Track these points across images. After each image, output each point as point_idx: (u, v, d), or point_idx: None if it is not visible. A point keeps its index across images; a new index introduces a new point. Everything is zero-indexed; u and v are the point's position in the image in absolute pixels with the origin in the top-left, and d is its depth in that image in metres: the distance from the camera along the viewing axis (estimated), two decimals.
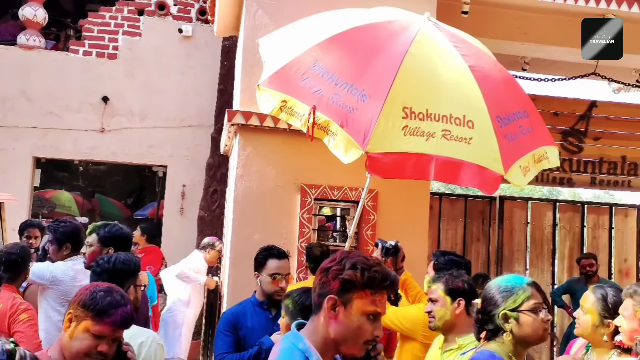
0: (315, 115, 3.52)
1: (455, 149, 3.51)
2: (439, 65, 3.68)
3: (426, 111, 3.50)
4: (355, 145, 3.40)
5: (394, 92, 3.45)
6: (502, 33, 6.61)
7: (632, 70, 7.82)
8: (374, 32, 3.83)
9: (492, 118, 3.66)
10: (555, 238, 8.34)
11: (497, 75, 3.98)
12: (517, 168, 3.65)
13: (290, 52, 3.82)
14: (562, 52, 7.05)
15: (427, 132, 3.47)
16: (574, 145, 7.63)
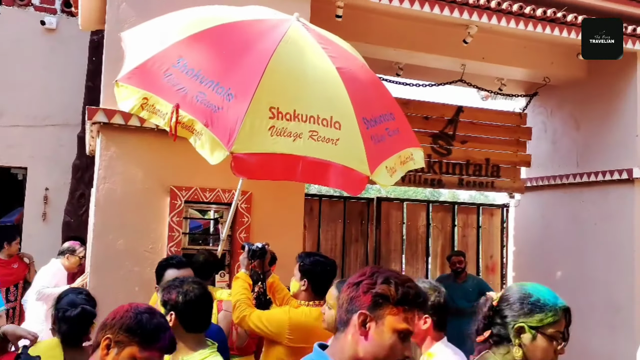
0: (179, 114, 3.37)
1: (323, 150, 3.51)
2: (306, 66, 3.66)
3: (293, 111, 3.47)
4: (221, 146, 3.29)
5: (261, 91, 3.38)
6: (376, 38, 6.80)
7: (495, 79, 8.39)
8: (242, 31, 3.74)
9: (358, 120, 3.70)
10: (429, 237, 8.73)
11: (365, 78, 4.05)
12: (384, 169, 3.73)
13: (153, 47, 3.63)
14: (432, 59, 7.40)
15: (295, 132, 3.44)
16: (443, 148, 8.02)
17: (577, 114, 8.28)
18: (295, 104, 3.49)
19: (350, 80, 3.79)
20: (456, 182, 8.17)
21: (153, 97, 3.45)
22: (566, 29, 6.73)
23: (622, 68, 7.44)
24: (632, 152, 7.24)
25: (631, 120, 7.31)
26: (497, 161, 8.35)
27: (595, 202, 7.76)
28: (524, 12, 6.50)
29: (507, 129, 8.52)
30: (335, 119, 3.60)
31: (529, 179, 8.92)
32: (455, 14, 6.23)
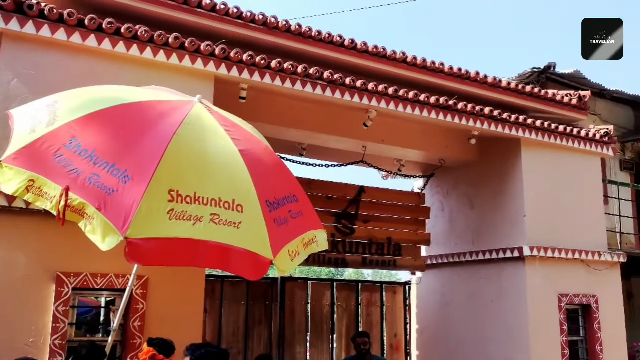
0: (68, 197, 3.15)
1: (224, 234, 3.40)
2: (208, 148, 3.61)
3: (194, 194, 3.36)
4: (114, 230, 3.10)
5: (160, 173, 3.26)
6: (280, 120, 6.92)
7: (394, 160, 8.73)
8: (141, 111, 3.64)
9: (261, 202, 3.65)
10: (334, 316, 8.63)
11: (268, 160, 4.04)
12: (286, 253, 3.66)
13: (44, 126, 3.43)
14: (335, 140, 7.61)
15: (195, 215, 3.32)
16: (346, 227, 8.12)
17: (471, 194, 8.74)
18: (195, 186, 3.39)
19: (253, 163, 3.77)
20: (360, 261, 8.24)
21: (40, 179, 3.23)
22: (457, 115, 7.20)
23: (508, 152, 8.02)
24: (521, 231, 7.69)
25: (519, 201, 7.80)
26: (399, 240, 8.55)
27: (491, 279, 8.07)
28: (419, 99, 6.92)
29: (407, 208, 8.81)
30: (238, 201, 3.53)
31: (429, 256, 9.19)
32: (356, 99, 6.50)
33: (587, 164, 8.50)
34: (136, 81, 4.76)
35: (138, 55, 5.22)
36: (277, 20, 6.47)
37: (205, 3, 6.05)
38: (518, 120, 7.67)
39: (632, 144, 12.68)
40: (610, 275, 8.35)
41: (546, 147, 8.04)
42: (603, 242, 8.42)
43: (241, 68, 5.76)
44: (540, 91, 8.53)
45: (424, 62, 7.42)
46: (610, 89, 11.83)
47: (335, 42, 6.86)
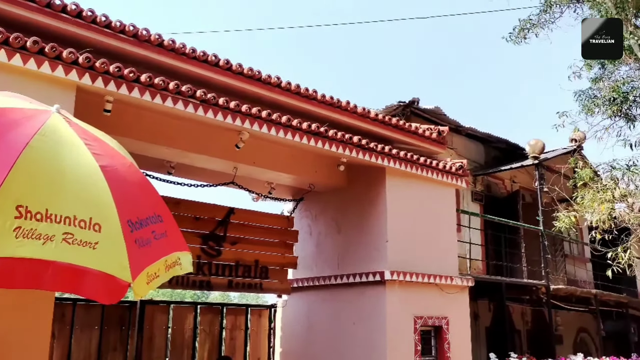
0: None
1: (78, 254, 3.17)
2: (65, 162, 3.36)
3: (45, 211, 3.11)
4: None
5: (7, 188, 2.98)
6: (147, 135, 6.66)
7: (265, 183, 8.77)
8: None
9: (122, 222, 3.46)
10: (196, 341, 8.37)
11: (132, 178, 3.85)
12: (145, 275, 3.49)
13: None
14: (205, 160, 7.47)
15: (45, 234, 3.06)
16: (214, 249, 7.98)
17: (338, 219, 9.00)
18: (48, 203, 3.13)
19: (115, 180, 3.57)
20: (226, 283, 8.12)
21: None
22: (328, 142, 7.42)
23: (374, 180, 8.39)
24: (384, 256, 8.04)
25: (382, 227, 8.17)
26: (266, 262, 8.56)
27: (353, 302, 8.32)
28: (292, 124, 7.04)
29: (276, 232, 8.85)
30: (96, 220, 3.31)
31: (296, 279, 9.29)
32: (229, 120, 6.46)
33: (443, 194, 9.13)
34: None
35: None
36: (149, 33, 6.28)
37: (71, 9, 5.72)
38: (384, 150, 8.07)
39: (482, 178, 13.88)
40: (460, 298, 8.97)
41: (408, 177, 8.52)
42: (455, 268, 9.05)
43: (107, 79, 5.49)
44: (405, 124, 9.06)
45: (298, 88, 7.58)
46: (465, 125, 12.89)
47: (210, 62, 6.79)
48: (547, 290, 11.77)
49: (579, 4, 12.12)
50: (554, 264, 13.89)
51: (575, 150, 13.11)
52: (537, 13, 12.18)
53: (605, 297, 13.70)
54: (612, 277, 9.73)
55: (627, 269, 9.38)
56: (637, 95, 12.98)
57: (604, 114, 12.65)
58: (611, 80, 13.00)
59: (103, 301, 3.32)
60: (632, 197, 9.58)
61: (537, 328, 13.76)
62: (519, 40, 12.50)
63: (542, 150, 12.78)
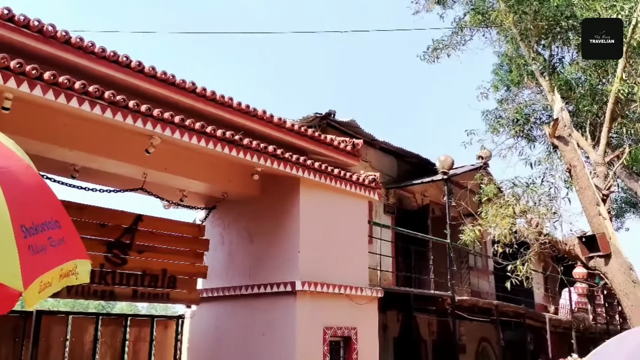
0: None
1: None
2: None
3: None
4: None
5: None
6: (49, 137, 6.32)
7: (177, 190, 8.55)
8: None
9: (15, 226, 3.25)
10: (96, 354, 7.98)
11: (28, 181, 3.63)
12: (38, 284, 3.29)
13: None
14: (113, 164, 7.18)
15: None
16: (119, 257, 7.66)
17: (251, 229, 8.92)
18: None
19: (10, 182, 3.36)
20: (130, 293, 7.81)
21: None
22: (242, 150, 7.35)
23: (288, 190, 8.40)
24: (295, 267, 8.05)
25: (295, 238, 8.18)
26: (175, 272, 8.33)
27: (264, 313, 8.26)
28: (206, 131, 6.92)
29: (186, 240, 8.65)
30: None
31: (205, 289, 9.10)
32: (139, 124, 6.26)
33: (356, 206, 9.29)
34: None
35: None
36: (55, 29, 5.96)
37: None
38: (299, 160, 8.10)
39: (395, 191, 14.27)
40: (369, 309, 9.13)
41: (322, 188, 8.60)
42: (365, 279, 9.20)
43: (7, 75, 5.17)
44: (320, 135, 9.15)
45: (213, 94, 7.48)
46: (379, 139, 13.21)
47: (121, 63, 6.56)
48: (452, 301, 12.23)
49: (488, 28, 12.82)
50: (459, 275, 14.47)
51: (482, 167, 13.78)
52: (450, 35, 12.76)
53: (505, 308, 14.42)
54: (511, 288, 10.27)
55: (524, 281, 9.93)
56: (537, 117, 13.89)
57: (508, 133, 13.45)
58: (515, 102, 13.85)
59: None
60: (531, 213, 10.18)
61: (442, 338, 14.27)
62: (432, 59, 13.05)
63: (451, 166, 13.33)
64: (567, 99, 11.80)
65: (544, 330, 15.86)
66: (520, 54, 12.54)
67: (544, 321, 16.01)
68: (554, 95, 10.47)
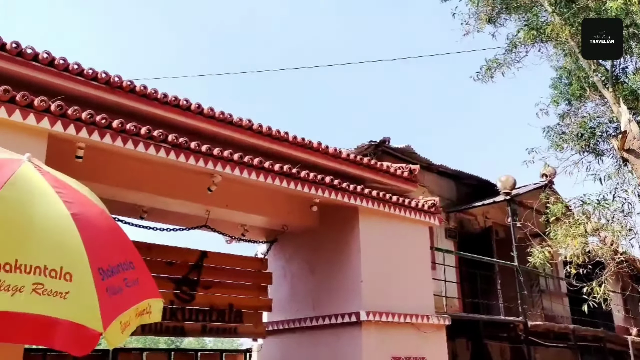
0: None
1: (48, 305, 3.12)
2: (35, 211, 3.34)
3: (15, 262, 3.07)
4: None
5: None
6: (119, 181, 6.64)
7: (238, 225, 8.74)
8: None
9: (93, 270, 3.42)
10: None
11: (103, 225, 3.83)
12: (118, 324, 3.44)
13: None
14: (177, 203, 7.45)
15: (14, 286, 3.02)
16: (187, 294, 7.88)
17: (312, 260, 8.98)
18: (17, 253, 3.10)
19: (87, 228, 3.55)
20: (199, 329, 7.99)
21: None
22: (300, 183, 7.47)
23: (347, 220, 8.43)
24: (358, 297, 8.02)
25: (356, 267, 8.17)
26: (240, 306, 8.46)
27: (329, 344, 8.24)
28: (264, 166, 7.08)
29: (250, 274, 8.80)
30: (66, 269, 3.28)
31: (271, 322, 9.18)
32: (201, 164, 6.48)
33: (417, 232, 9.21)
34: None
35: None
36: (121, 80, 6.33)
37: (43, 57, 5.76)
38: (356, 189, 8.15)
39: (455, 214, 14.04)
40: (437, 337, 8.95)
41: (381, 216, 8.59)
42: (431, 306, 9.05)
43: (79, 126, 5.50)
44: (376, 163, 9.19)
45: (269, 130, 7.67)
46: (436, 163, 13.11)
47: (182, 106, 6.86)
48: (524, 327, 11.81)
49: (543, 43, 12.55)
50: (530, 299, 13.99)
51: (547, 185, 13.38)
52: (503, 53, 12.59)
53: (583, 332, 13.79)
54: (588, 311, 9.82)
55: (602, 303, 9.47)
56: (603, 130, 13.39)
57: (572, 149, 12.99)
58: (578, 116, 13.40)
59: (74, 352, 3.25)
60: (604, 231, 9.75)
61: None
62: (486, 79, 12.88)
63: (513, 186, 13.03)
64: (633, 110, 11.34)
65: (627, 354, 15.03)
66: (580, 66, 12.17)
67: (626, 344, 15.18)
68: (620, 107, 10.10)
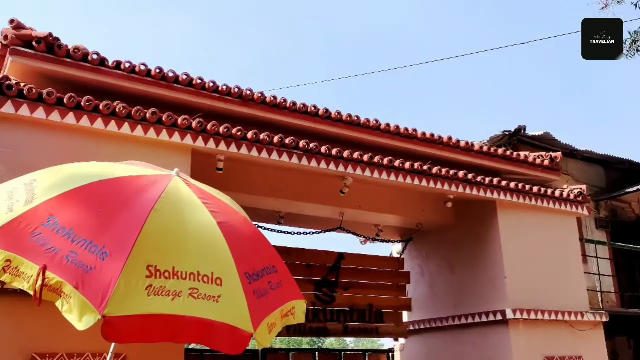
0: (45, 276, 3.11)
1: (204, 308, 3.35)
2: (186, 222, 3.61)
3: (172, 269, 3.33)
4: (91, 309, 3.04)
5: (138, 249, 3.24)
6: (257, 189, 6.97)
7: (372, 225, 8.79)
8: (119, 187, 3.66)
9: (240, 275, 3.63)
10: None
11: (246, 231, 4.05)
12: (265, 325, 3.61)
13: (21, 204, 3.42)
14: (312, 207, 7.66)
15: (173, 291, 3.28)
16: (327, 295, 8.06)
17: (450, 257, 8.77)
18: (174, 261, 3.37)
19: (232, 235, 3.77)
20: (341, 329, 8.13)
21: (17, 259, 3.18)
22: (432, 180, 7.34)
23: (485, 214, 8.13)
24: (503, 294, 7.68)
25: (498, 263, 7.84)
26: (380, 306, 8.48)
27: (476, 344, 7.98)
28: (394, 165, 7.05)
29: (387, 274, 8.79)
30: (217, 274, 3.50)
31: (411, 322, 9.10)
32: (332, 167, 6.61)
33: (563, 223, 8.64)
34: (115, 156, 4.80)
35: (116, 131, 5.30)
36: (252, 92, 6.65)
37: (182, 78, 6.22)
38: (492, 182, 7.84)
39: (606, 202, 12.96)
40: (593, 335, 8.32)
41: (522, 209, 8.18)
42: (585, 302, 8.44)
43: (218, 140, 5.86)
44: (512, 153, 8.77)
45: (397, 128, 7.63)
46: (580, 149, 12.18)
47: (310, 112, 7.05)
48: None
49: None
50: None
51: None
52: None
53: None
54: None
55: None
56: None
57: None
58: None
59: (229, 352, 3.45)
60: None
61: None
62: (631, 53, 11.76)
63: None
64: None
65: None
66: None
67: None
68: None
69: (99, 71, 5.78)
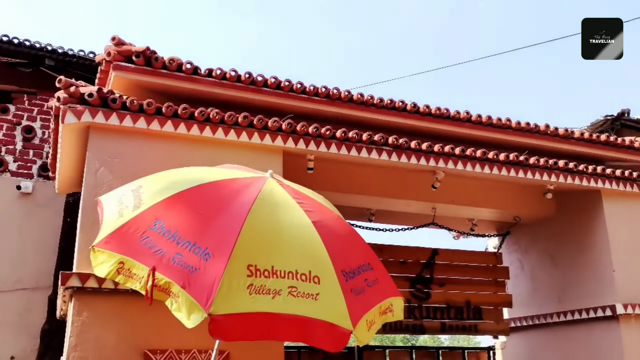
0: (155, 277, 3.29)
1: (303, 306, 3.41)
2: (283, 222, 3.69)
3: (272, 268, 3.42)
4: (198, 307, 3.18)
5: (238, 250, 3.35)
6: (347, 187, 6.99)
7: (466, 220, 8.56)
8: (217, 190, 3.80)
9: (337, 273, 3.66)
10: None
11: (341, 230, 4.07)
12: (365, 323, 3.62)
13: (130, 210, 3.65)
14: (403, 204, 7.57)
15: (273, 289, 3.36)
16: (422, 292, 7.94)
17: (552, 251, 8.38)
18: (273, 260, 3.45)
19: (327, 234, 3.81)
20: (438, 327, 7.98)
21: (129, 261, 3.39)
22: (530, 170, 7.04)
23: (589, 205, 7.68)
24: (611, 288, 7.23)
25: (605, 256, 7.38)
26: (478, 303, 8.25)
27: (583, 342, 7.57)
28: (488, 157, 6.83)
29: (485, 270, 8.53)
30: (314, 273, 3.55)
31: (513, 319, 8.78)
32: (422, 162, 6.50)
33: None
34: (211, 161, 4.99)
35: (211, 136, 5.50)
36: (339, 91, 6.69)
37: (271, 82, 6.36)
38: (596, 171, 7.41)
39: None
40: None
41: (630, 197, 7.66)
42: None
43: (308, 140, 5.93)
44: (616, 139, 8.25)
45: (489, 119, 7.39)
46: None
47: (398, 108, 6.98)
48: None
49: None
50: None
51: None
52: None
53: None
54: None
55: None
56: None
57: None
58: None
59: (329, 349, 3.49)
60: None
61: None
62: None
63: None
64: None
65: None
66: None
67: None
68: None
69: (192, 80, 6.03)
